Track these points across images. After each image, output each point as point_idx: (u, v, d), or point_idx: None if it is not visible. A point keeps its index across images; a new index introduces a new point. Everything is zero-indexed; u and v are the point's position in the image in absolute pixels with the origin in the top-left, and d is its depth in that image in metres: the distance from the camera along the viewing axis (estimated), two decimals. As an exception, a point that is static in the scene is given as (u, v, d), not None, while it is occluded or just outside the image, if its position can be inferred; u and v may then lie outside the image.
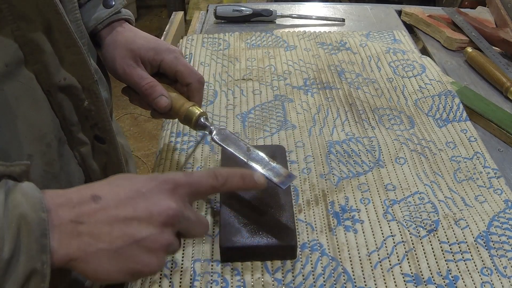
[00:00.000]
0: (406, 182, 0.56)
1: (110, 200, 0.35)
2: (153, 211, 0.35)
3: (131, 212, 0.35)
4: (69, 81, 0.44)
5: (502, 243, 0.49)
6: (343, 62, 0.81)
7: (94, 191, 0.35)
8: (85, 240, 0.33)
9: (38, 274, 0.31)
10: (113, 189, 0.36)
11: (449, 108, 0.69)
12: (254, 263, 0.47)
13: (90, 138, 0.49)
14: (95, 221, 0.34)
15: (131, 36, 0.53)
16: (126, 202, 0.35)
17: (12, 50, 0.39)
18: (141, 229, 0.34)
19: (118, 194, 0.35)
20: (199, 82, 0.53)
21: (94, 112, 0.48)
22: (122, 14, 0.55)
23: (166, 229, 0.36)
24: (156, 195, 0.36)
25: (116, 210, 0.34)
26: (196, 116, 0.50)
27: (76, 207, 0.34)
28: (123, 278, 0.35)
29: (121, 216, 0.34)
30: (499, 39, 0.87)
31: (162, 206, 0.35)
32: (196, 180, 0.39)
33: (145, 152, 1.94)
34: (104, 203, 0.34)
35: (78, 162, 0.50)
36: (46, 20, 0.41)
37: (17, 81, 0.40)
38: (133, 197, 0.35)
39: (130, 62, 0.51)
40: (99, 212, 0.34)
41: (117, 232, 0.34)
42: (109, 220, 0.34)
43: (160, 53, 0.52)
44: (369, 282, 0.45)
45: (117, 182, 0.37)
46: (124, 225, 0.34)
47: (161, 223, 0.35)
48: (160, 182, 0.37)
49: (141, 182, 0.36)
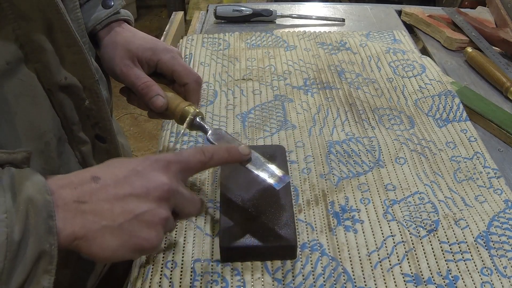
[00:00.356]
0: (406, 182, 0.56)
1: (109, 179, 0.36)
2: (149, 187, 0.37)
3: (129, 190, 0.36)
4: (70, 81, 0.44)
5: (502, 243, 0.49)
6: (343, 62, 0.81)
7: (93, 172, 0.37)
8: (89, 218, 0.34)
9: (47, 256, 0.32)
10: (111, 170, 0.38)
11: (449, 108, 0.69)
12: (254, 263, 0.47)
13: (91, 137, 0.50)
14: (97, 200, 0.35)
15: (129, 37, 0.53)
16: (123, 181, 0.37)
17: (13, 48, 0.39)
18: (139, 204, 0.36)
19: (116, 174, 0.37)
20: (196, 82, 0.53)
21: (95, 111, 0.48)
22: (121, 14, 0.55)
23: (162, 204, 0.38)
24: (151, 172, 0.38)
25: (115, 189, 0.36)
26: (192, 116, 0.50)
27: (77, 187, 0.35)
28: (127, 255, 0.36)
29: (120, 194, 0.36)
30: (499, 39, 0.87)
31: (157, 182, 0.38)
32: (186, 157, 0.41)
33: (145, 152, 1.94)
34: (103, 182, 0.36)
35: (78, 161, 0.50)
36: (47, 19, 0.41)
37: (17, 78, 0.40)
38: (130, 176, 0.37)
39: (127, 62, 0.52)
40: (99, 191, 0.36)
41: (118, 209, 0.36)
42: (109, 198, 0.36)
43: (157, 53, 0.52)
44: (369, 282, 0.45)
45: (114, 164, 0.39)
46: (123, 202, 0.36)
47: (157, 198, 0.37)
48: (153, 161, 0.39)
49: (136, 162, 0.39)
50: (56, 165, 0.46)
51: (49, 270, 0.32)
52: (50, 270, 0.32)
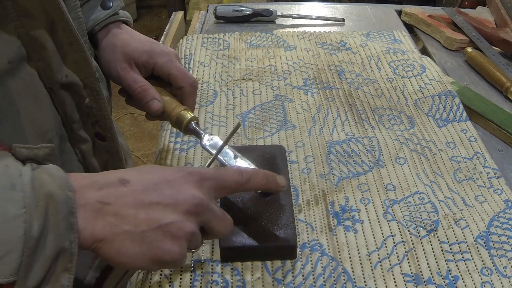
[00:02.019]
0: (406, 182, 0.56)
1: (138, 184, 0.35)
2: (178, 198, 0.36)
3: (157, 198, 0.35)
4: (71, 79, 0.45)
5: (502, 243, 0.49)
6: (343, 62, 0.81)
7: (121, 175, 0.36)
8: (111, 220, 0.34)
9: (66, 253, 0.31)
10: (141, 175, 0.36)
11: (449, 108, 0.69)
12: (254, 263, 0.47)
13: (91, 135, 0.50)
14: (122, 203, 0.34)
15: (127, 39, 0.53)
16: (153, 188, 0.36)
17: (15, 47, 0.39)
18: (166, 214, 0.35)
19: (146, 180, 0.36)
20: (191, 86, 0.53)
21: (96, 109, 0.48)
22: (119, 16, 0.55)
23: (190, 217, 0.36)
24: (183, 184, 0.37)
25: (143, 195, 0.35)
26: (187, 120, 0.50)
27: (103, 188, 0.34)
28: (145, 264, 0.35)
29: (147, 200, 0.35)
30: (499, 39, 0.87)
31: (187, 195, 0.36)
32: (222, 175, 0.39)
33: (145, 152, 1.94)
34: (131, 186, 0.35)
35: (79, 159, 0.50)
36: (49, 18, 0.41)
37: (19, 77, 0.40)
38: (160, 184, 0.36)
39: (124, 65, 0.52)
40: (126, 195, 0.35)
41: (143, 216, 0.34)
42: (135, 203, 0.35)
43: (154, 56, 0.52)
44: (369, 282, 0.45)
45: (144, 169, 0.38)
46: (150, 209, 0.35)
47: (186, 211, 0.36)
48: (186, 173, 0.38)
49: (168, 172, 0.37)
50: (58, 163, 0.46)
51: (68, 268, 0.31)
52: (70, 268, 0.32)
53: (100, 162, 0.52)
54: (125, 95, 0.55)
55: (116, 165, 0.53)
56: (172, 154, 0.60)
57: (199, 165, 0.58)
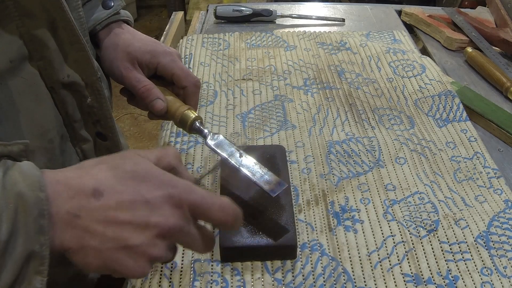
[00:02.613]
0: (406, 182, 0.56)
1: (111, 199, 0.33)
2: (150, 221, 0.34)
3: (129, 217, 0.34)
4: (72, 78, 0.45)
5: (502, 243, 0.49)
6: (343, 62, 0.81)
7: (96, 183, 0.33)
8: (79, 234, 0.33)
9: (37, 256, 0.30)
10: (117, 187, 0.34)
11: (449, 108, 0.69)
12: (254, 263, 0.47)
13: (92, 135, 0.50)
14: (92, 218, 0.33)
15: (129, 39, 0.53)
16: (127, 206, 0.34)
17: (17, 46, 0.39)
18: (134, 235, 0.34)
19: (121, 194, 0.34)
20: (195, 85, 0.53)
21: (97, 108, 0.48)
22: (121, 15, 0.55)
23: (159, 241, 0.35)
24: (159, 205, 0.35)
25: (115, 212, 0.33)
26: (191, 120, 0.50)
27: (75, 197, 0.33)
28: (108, 273, 0.35)
29: (119, 219, 0.33)
30: (499, 39, 0.87)
31: (161, 218, 0.34)
32: (206, 206, 0.36)
33: (145, 152, 1.94)
34: (104, 201, 0.33)
35: (80, 159, 0.50)
36: (51, 17, 0.41)
37: (20, 77, 0.40)
38: (136, 202, 0.34)
39: (127, 64, 0.52)
40: (97, 210, 0.33)
41: (111, 234, 0.33)
42: (105, 220, 0.33)
43: (157, 56, 0.52)
44: (369, 282, 0.45)
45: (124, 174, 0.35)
46: (118, 228, 0.33)
47: (156, 235, 0.34)
48: (167, 194, 0.35)
49: (148, 187, 0.35)
50: (59, 163, 0.46)
51: (40, 271, 0.31)
52: (41, 271, 0.31)
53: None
54: (126, 95, 0.55)
55: None
56: (172, 154, 0.60)
57: (199, 165, 0.58)
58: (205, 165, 0.59)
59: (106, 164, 0.35)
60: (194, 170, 0.58)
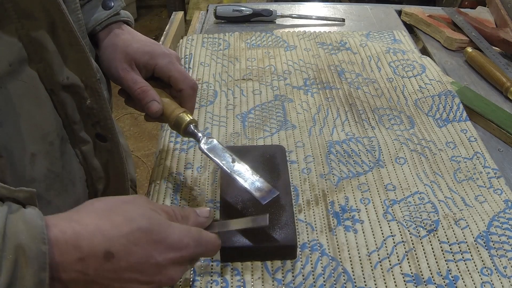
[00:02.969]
0: (406, 182, 0.56)
1: (122, 261, 0.35)
2: (155, 280, 0.37)
3: (137, 276, 0.36)
4: (72, 80, 0.45)
5: (502, 243, 0.49)
6: (343, 62, 0.81)
7: (109, 244, 0.34)
8: (84, 285, 0.34)
9: None
10: (130, 247, 0.35)
11: (449, 108, 0.69)
12: (254, 263, 0.47)
13: (92, 136, 0.50)
14: (101, 276, 0.34)
15: (128, 39, 0.53)
16: (136, 267, 0.35)
17: (16, 49, 0.39)
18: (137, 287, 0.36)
19: (133, 256, 0.35)
20: (191, 88, 0.53)
21: (97, 110, 0.48)
22: (120, 16, 0.55)
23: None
24: (167, 266, 0.37)
25: (124, 272, 0.35)
26: (185, 123, 0.50)
27: (85, 260, 0.33)
28: None
29: (126, 277, 0.35)
30: (499, 39, 0.87)
31: (166, 278, 0.37)
32: (204, 254, 0.41)
33: (145, 152, 1.94)
34: (115, 263, 0.34)
35: (79, 160, 0.50)
36: (50, 19, 0.41)
37: (20, 80, 0.40)
38: (145, 264, 0.36)
39: (125, 65, 0.52)
40: (107, 270, 0.34)
41: (116, 285, 0.35)
42: (113, 278, 0.35)
43: (155, 58, 0.52)
44: (369, 282, 0.45)
45: (138, 234, 0.35)
46: (124, 283, 0.35)
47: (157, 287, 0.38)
48: (177, 257, 0.38)
49: (160, 248, 0.36)
50: (59, 165, 0.46)
51: None
52: None
53: (101, 162, 0.52)
54: (124, 95, 0.55)
55: (117, 165, 0.53)
56: (172, 154, 0.60)
57: (199, 165, 0.58)
58: (205, 165, 0.58)
59: (120, 215, 0.36)
60: (194, 170, 0.58)
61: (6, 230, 0.30)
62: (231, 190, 0.51)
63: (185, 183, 0.56)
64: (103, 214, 0.36)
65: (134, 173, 0.63)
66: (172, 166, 0.58)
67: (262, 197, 0.45)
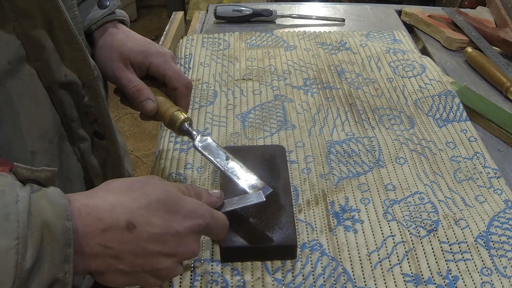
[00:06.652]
0: (406, 182, 0.56)
1: (144, 231, 0.35)
2: (178, 251, 0.37)
3: (159, 248, 0.36)
4: (69, 78, 0.45)
5: (502, 243, 0.49)
6: (343, 62, 0.81)
7: (130, 215, 0.35)
8: (108, 261, 0.34)
9: (60, 283, 0.31)
10: (150, 218, 0.36)
11: (449, 108, 0.69)
12: (254, 263, 0.47)
13: (90, 134, 0.50)
14: (124, 249, 0.34)
15: (123, 39, 0.53)
16: (158, 238, 0.36)
17: (15, 47, 0.39)
18: (162, 261, 0.37)
19: (153, 227, 0.36)
20: (186, 87, 0.53)
21: (94, 108, 0.48)
22: (116, 15, 0.55)
23: (180, 265, 0.39)
24: (187, 237, 0.38)
25: (147, 243, 0.35)
26: (180, 121, 0.50)
27: (107, 231, 0.34)
28: None
29: (149, 249, 0.36)
30: (499, 39, 0.87)
31: (188, 249, 0.38)
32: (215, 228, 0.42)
33: (145, 152, 1.94)
34: (137, 233, 0.35)
35: (77, 158, 0.50)
36: (47, 17, 0.41)
37: (19, 78, 0.40)
38: (167, 234, 0.36)
39: (120, 64, 0.52)
40: (129, 242, 0.35)
41: (140, 261, 0.35)
42: (137, 251, 0.35)
43: (149, 57, 0.52)
44: (369, 282, 0.45)
45: (156, 205, 0.36)
46: (148, 257, 0.36)
47: (180, 261, 0.39)
48: (194, 224, 0.38)
49: (178, 218, 0.37)
50: (58, 163, 0.46)
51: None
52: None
53: (98, 160, 0.52)
54: (119, 94, 0.55)
55: (114, 163, 0.53)
56: (171, 154, 0.60)
57: (199, 165, 0.58)
58: (205, 165, 0.58)
59: (137, 191, 0.37)
60: (194, 170, 0.58)
61: (31, 208, 0.31)
62: (231, 190, 0.51)
63: (185, 183, 0.56)
64: (121, 191, 0.37)
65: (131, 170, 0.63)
66: (172, 166, 0.58)
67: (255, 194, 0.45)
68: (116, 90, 0.55)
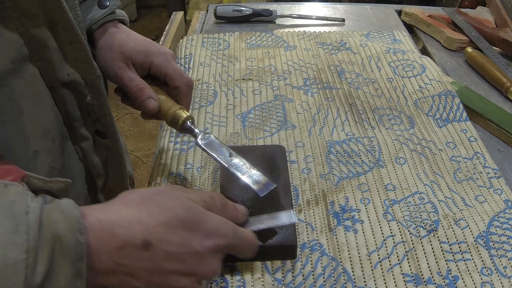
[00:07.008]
0: (406, 182, 0.56)
1: (161, 250, 0.34)
2: (197, 271, 0.36)
3: (177, 267, 0.35)
4: (72, 77, 0.45)
5: (502, 243, 0.49)
6: (343, 62, 0.81)
7: (147, 233, 0.33)
8: (122, 278, 0.33)
9: None
10: (168, 236, 0.34)
11: (449, 108, 0.69)
12: (254, 263, 0.47)
13: (92, 133, 0.50)
14: (139, 267, 0.33)
15: (123, 38, 0.54)
16: (176, 257, 0.34)
17: (17, 46, 0.39)
18: (180, 280, 0.35)
19: (171, 246, 0.34)
20: (187, 86, 0.53)
21: (97, 107, 0.48)
22: (116, 14, 0.56)
23: (199, 284, 0.37)
24: (207, 258, 0.36)
25: (163, 262, 0.34)
26: (182, 119, 0.50)
27: (123, 249, 0.32)
28: None
29: (166, 268, 0.34)
30: (499, 39, 0.87)
31: (207, 269, 0.36)
32: (241, 247, 0.41)
33: (145, 152, 1.94)
34: (153, 252, 0.33)
35: (79, 157, 0.50)
36: (50, 17, 0.41)
37: (21, 78, 0.40)
38: (185, 254, 0.35)
39: (121, 64, 0.52)
40: (145, 261, 0.33)
41: (157, 280, 0.34)
42: (152, 269, 0.34)
43: (150, 56, 0.53)
44: (369, 282, 0.45)
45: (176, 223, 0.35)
46: (165, 276, 0.34)
47: (199, 281, 0.37)
48: (216, 245, 0.37)
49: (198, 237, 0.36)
50: (60, 162, 0.46)
51: None
52: None
53: (100, 159, 0.52)
54: (120, 94, 0.55)
55: (116, 162, 0.54)
56: (171, 154, 0.60)
57: (199, 165, 0.58)
58: (205, 165, 0.58)
59: (156, 206, 0.35)
60: (194, 170, 0.58)
61: (43, 219, 0.29)
62: (231, 190, 0.51)
63: (185, 183, 0.56)
64: (138, 204, 0.35)
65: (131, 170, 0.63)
66: (172, 166, 0.58)
67: (260, 190, 0.46)
68: (117, 89, 0.55)
